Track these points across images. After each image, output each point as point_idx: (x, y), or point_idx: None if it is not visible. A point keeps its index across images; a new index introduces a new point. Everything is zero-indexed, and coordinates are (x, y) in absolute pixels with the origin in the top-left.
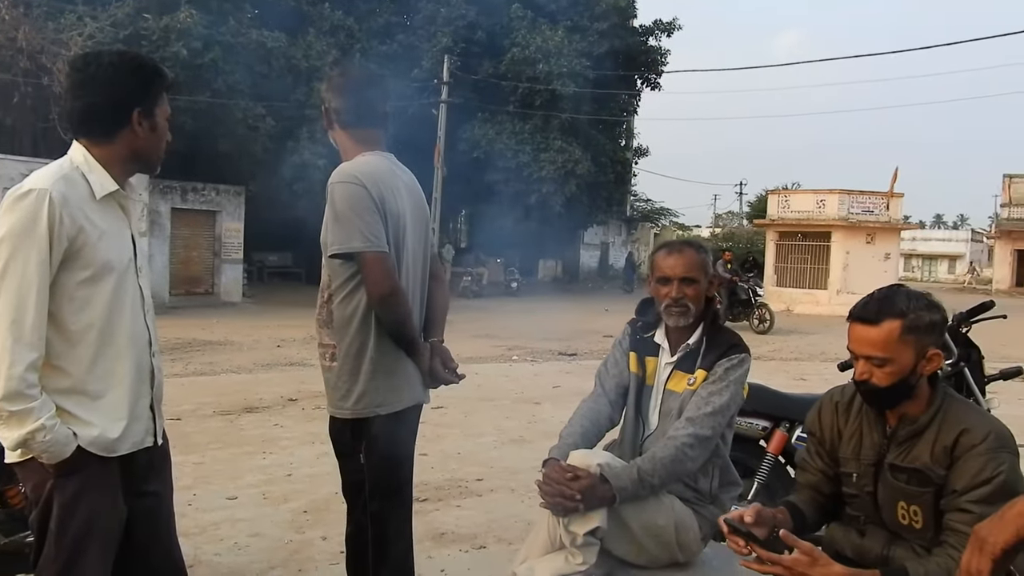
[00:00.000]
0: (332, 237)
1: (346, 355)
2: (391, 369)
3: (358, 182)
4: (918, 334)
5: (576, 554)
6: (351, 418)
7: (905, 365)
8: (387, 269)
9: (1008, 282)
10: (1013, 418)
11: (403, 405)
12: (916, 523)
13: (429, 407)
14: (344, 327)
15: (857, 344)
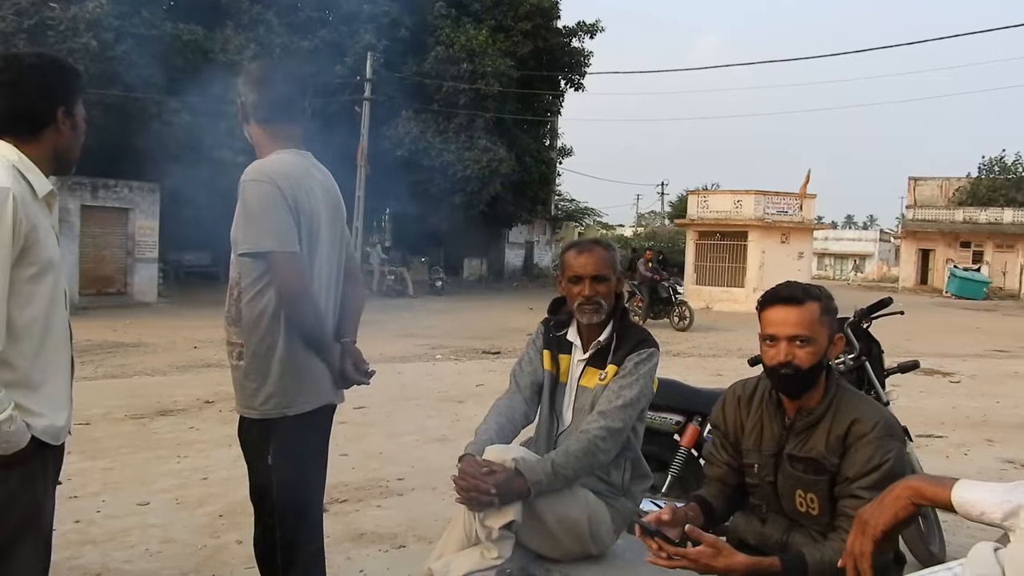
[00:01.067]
0: (243, 236)
1: (254, 354)
2: (300, 369)
3: (271, 181)
4: (830, 316)
5: (491, 548)
6: (259, 418)
7: (822, 346)
8: (297, 270)
9: (913, 280)
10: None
11: (312, 406)
12: (813, 510)
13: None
14: (253, 326)
15: (781, 326)
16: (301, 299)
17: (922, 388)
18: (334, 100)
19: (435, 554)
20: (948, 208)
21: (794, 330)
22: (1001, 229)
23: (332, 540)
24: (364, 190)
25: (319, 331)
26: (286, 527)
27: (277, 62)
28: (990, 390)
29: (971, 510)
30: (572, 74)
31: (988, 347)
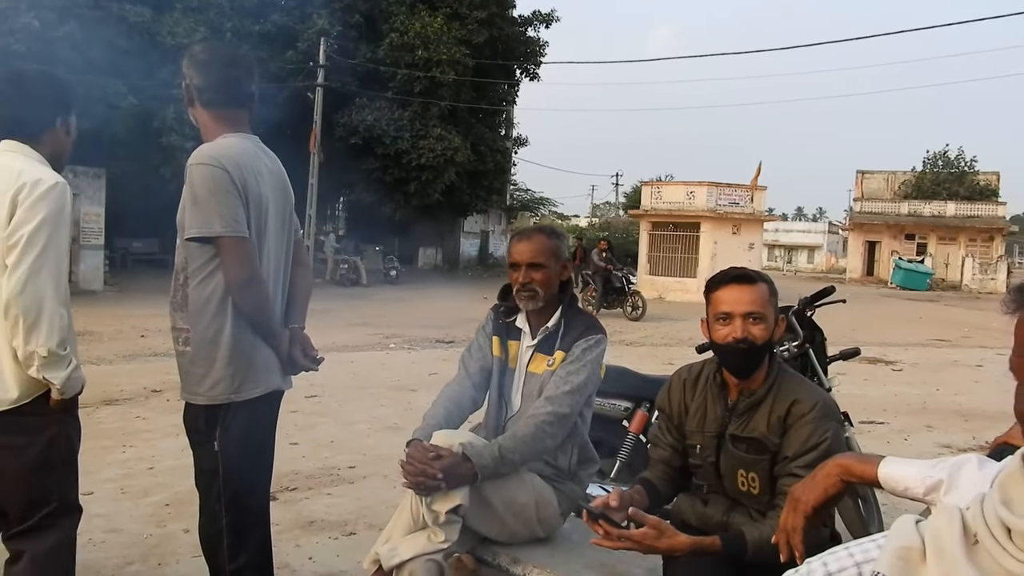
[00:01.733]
0: (190, 220)
1: (201, 340)
2: (248, 355)
3: (219, 164)
4: (775, 298)
5: (438, 532)
6: (206, 404)
7: (771, 324)
8: (246, 254)
9: (860, 271)
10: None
11: (260, 392)
12: (754, 489)
13: (302, 396)
14: (200, 311)
15: (736, 304)
16: (249, 284)
17: (866, 376)
18: (286, 86)
19: (382, 538)
20: (894, 201)
21: (749, 307)
22: (944, 222)
23: (281, 528)
24: (317, 178)
25: (267, 317)
26: (233, 513)
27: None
28: (930, 378)
29: (896, 485)
30: (527, 63)
31: (929, 336)
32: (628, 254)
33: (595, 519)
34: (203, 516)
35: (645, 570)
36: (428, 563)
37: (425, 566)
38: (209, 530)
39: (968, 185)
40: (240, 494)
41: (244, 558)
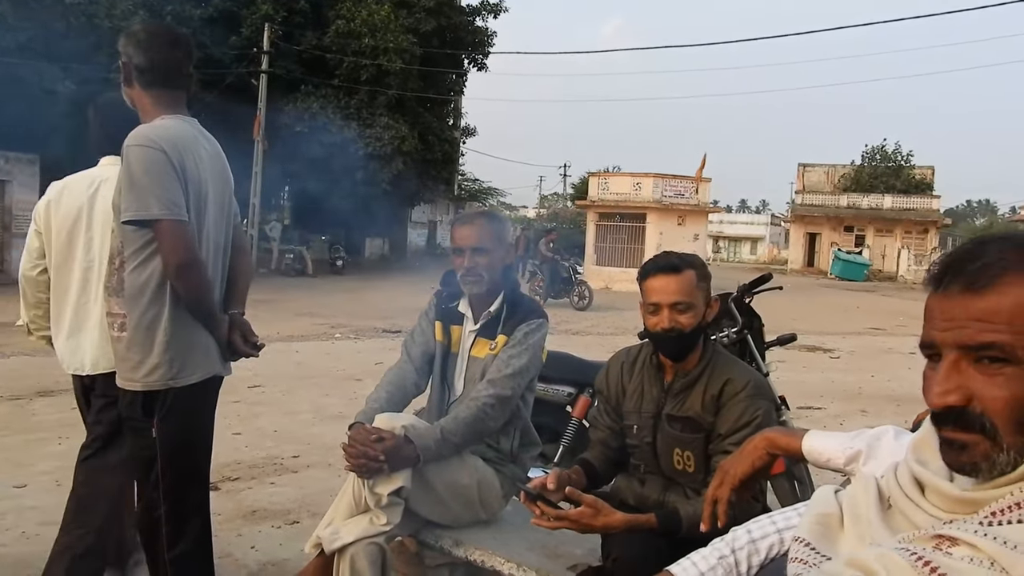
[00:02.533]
0: (126, 202)
1: (138, 325)
2: (186, 341)
3: (157, 147)
4: (706, 282)
5: (380, 515)
6: (143, 391)
7: (701, 310)
8: (186, 238)
9: (801, 262)
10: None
11: (198, 377)
12: (689, 467)
13: (244, 386)
14: (137, 296)
15: (663, 294)
16: (189, 268)
17: (804, 363)
18: (229, 72)
19: (324, 522)
20: (834, 194)
21: (675, 297)
22: (881, 214)
23: (223, 518)
24: (262, 166)
25: (207, 301)
26: (172, 501)
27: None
28: (866, 365)
29: (818, 457)
30: (475, 53)
31: (866, 325)
32: (575, 244)
33: (533, 500)
34: (141, 504)
35: (586, 550)
36: (370, 546)
37: (367, 549)
38: (147, 518)
39: (904, 179)
40: (179, 481)
41: (183, 545)
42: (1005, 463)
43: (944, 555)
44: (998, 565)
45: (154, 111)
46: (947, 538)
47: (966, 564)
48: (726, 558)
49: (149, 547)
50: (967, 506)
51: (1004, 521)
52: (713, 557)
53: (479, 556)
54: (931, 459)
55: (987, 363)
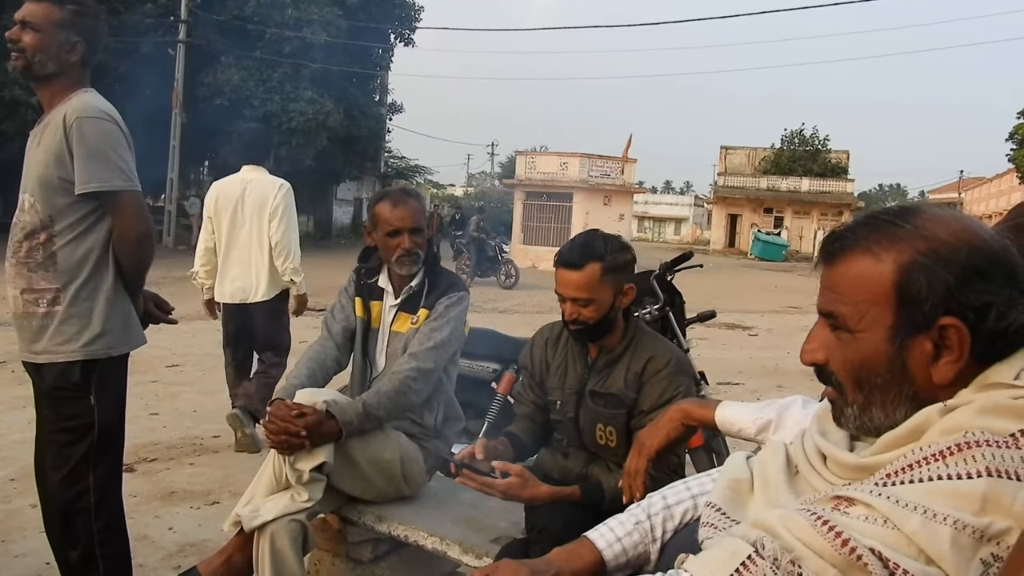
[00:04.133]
0: (88, 174)
1: (76, 297)
2: (123, 311)
3: (110, 119)
4: (615, 273)
5: (302, 491)
6: (83, 359)
7: (606, 302)
8: (143, 209)
9: (722, 243)
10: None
11: (132, 347)
12: (611, 442)
13: (163, 366)
14: (75, 268)
15: (564, 288)
16: (147, 239)
17: (724, 341)
18: (144, 41)
19: (243, 500)
20: (754, 176)
21: (575, 293)
22: (799, 197)
23: (139, 500)
24: (179, 139)
25: (146, 272)
26: (101, 470)
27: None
28: (782, 342)
29: (731, 427)
30: (402, 28)
31: (783, 304)
32: (503, 223)
33: (460, 468)
34: (60, 476)
35: (510, 522)
36: (291, 524)
37: (288, 527)
38: (68, 490)
39: (821, 163)
40: (111, 449)
41: (106, 517)
42: (852, 417)
43: (842, 515)
44: (891, 522)
45: (80, 84)
46: (845, 499)
47: (861, 522)
48: (642, 523)
49: (68, 523)
50: (863, 472)
51: (897, 482)
52: (630, 523)
53: (402, 531)
54: (832, 430)
55: (834, 328)
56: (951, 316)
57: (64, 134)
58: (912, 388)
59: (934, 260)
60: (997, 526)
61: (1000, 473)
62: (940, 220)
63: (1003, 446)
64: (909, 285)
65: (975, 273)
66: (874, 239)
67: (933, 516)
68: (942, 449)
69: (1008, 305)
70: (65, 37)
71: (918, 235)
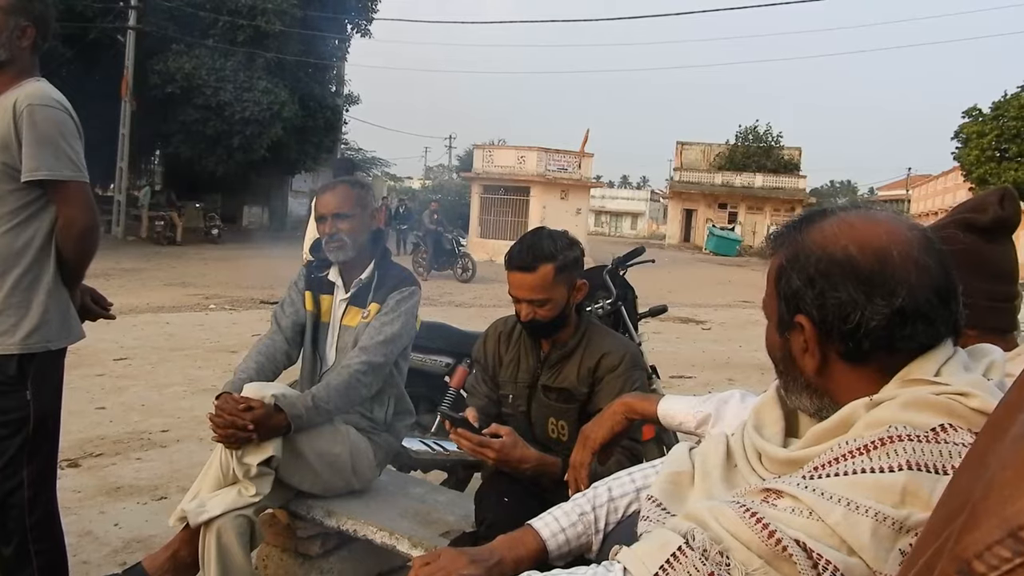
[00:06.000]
0: (37, 161)
1: (14, 288)
2: (62, 303)
3: (63, 108)
4: (567, 271)
5: (249, 486)
6: (19, 353)
7: (560, 300)
8: (91, 200)
9: (678, 237)
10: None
11: (71, 340)
12: (563, 436)
13: (110, 359)
14: (15, 257)
15: (518, 290)
16: (94, 231)
17: (678, 334)
18: (93, 26)
19: (189, 495)
20: (709, 172)
21: (530, 294)
22: (753, 192)
23: (83, 496)
24: (130, 128)
25: (87, 265)
26: (35, 465)
27: None
28: (735, 335)
29: (672, 420)
30: (359, 19)
31: (736, 298)
32: (460, 216)
33: (456, 426)
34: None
35: (458, 516)
36: (238, 519)
37: (235, 522)
38: (3, 483)
39: (774, 159)
40: (45, 444)
41: (40, 512)
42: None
43: (770, 507)
44: (815, 514)
45: (31, 72)
46: (773, 491)
47: (788, 514)
48: (586, 515)
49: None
50: (792, 465)
51: (823, 475)
52: (574, 513)
53: (351, 526)
54: (768, 424)
55: None
56: (801, 314)
57: (13, 120)
58: (802, 377)
59: (791, 264)
60: (916, 517)
61: (920, 466)
62: (821, 228)
63: (924, 440)
64: (778, 284)
65: (821, 277)
66: (779, 242)
67: (855, 508)
68: (866, 443)
69: (852, 308)
70: (15, 22)
71: (794, 241)
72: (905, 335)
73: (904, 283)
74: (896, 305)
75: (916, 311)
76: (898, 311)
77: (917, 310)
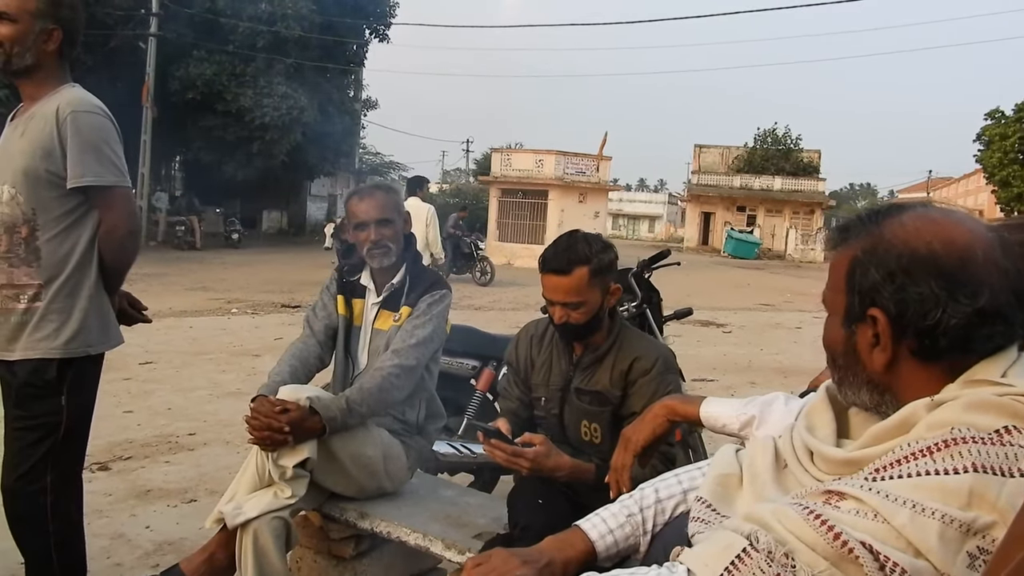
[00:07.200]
0: (81, 168)
1: (58, 293)
2: (103, 308)
3: (105, 114)
4: (602, 275)
5: (285, 488)
6: (60, 357)
7: (595, 304)
8: (133, 206)
9: (696, 240)
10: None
11: (110, 346)
12: (596, 439)
13: (136, 363)
14: (59, 264)
15: (553, 293)
16: (135, 237)
17: (699, 338)
18: (115, 34)
19: (226, 497)
20: (728, 175)
21: (564, 298)
22: (772, 195)
23: (115, 499)
24: (151, 134)
25: (128, 271)
26: (60, 469)
27: None
28: (755, 339)
29: (715, 423)
30: (377, 24)
31: (756, 301)
32: (477, 220)
33: (489, 438)
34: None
35: (489, 519)
36: (274, 521)
37: (271, 524)
38: (26, 488)
39: (793, 161)
40: (76, 448)
41: (61, 517)
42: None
43: (833, 509)
44: (880, 516)
45: (61, 77)
46: (836, 493)
47: (852, 516)
48: (634, 516)
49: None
50: (850, 466)
51: (886, 476)
52: (622, 515)
53: (385, 528)
54: (819, 426)
55: None
56: (876, 308)
57: (56, 127)
58: (864, 373)
59: (869, 256)
60: (983, 520)
61: (985, 469)
62: (901, 222)
63: (988, 442)
64: (852, 276)
65: (903, 272)
66: (850, 234)
67: (922, 510)
68: (929, 445)
69: (933, 305)
70: (41, 26)
71: (871, 233)
72: (983, 335)
73: (987, 283)
74: (978, 305)
75: (996, 312)
76: (979, 311)
77: (997, 311)
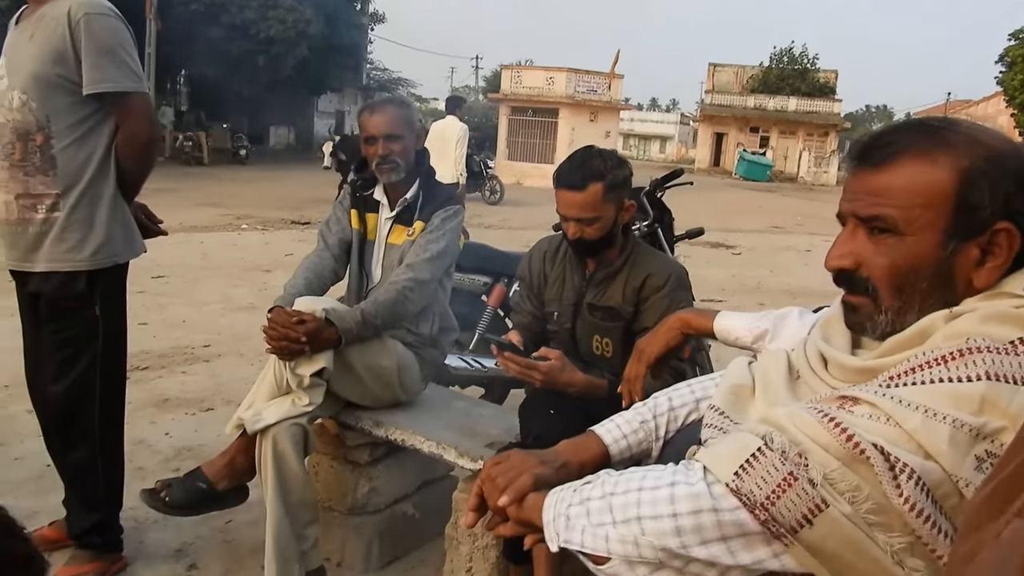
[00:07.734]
0: (99, 74)
1: (79, 203)
2: (126, 217)
3: (118, 16)
4: (616, 191)
5: (302, 396)
6: (87, 269)
7: (609, 219)
8: (152, 112)
9: (708, 162)
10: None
11: (134, 255)
12: (607, 353)
13: (148, 277)
14: (77, 172)
15: (567, 208)
16: (155, 144)
17: (708, 259)
18: None
19: (244, 404)
20: (742, 95)
21: (579, 213)
22: (786, 116)
23: (134, 407)
24: (155, 47)
25: (146, 179)
26: (106, 378)
27: None
28: (765, 261)
29: (728, 336)
30: None
31: (767, 224)
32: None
33: (503, 350)
34: (64, 388)
35: (502, 429)
36: (292, 427)
37: (290, 430)
38: (73, 400)
39: (810, 82)
40: (118, 355)
41: (110, 424)
42: (884, 323)
43: (847, 412)
44: (893, 420)
45: None
46: (850, 398)
47: (865, 420)
48: (647, 422)
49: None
50: (865, 374)
51: (900, 384)
52: (636, 421)
53: (399, 435)
54: (835, 336)
55: (876, 233)
56: (1006, 221)
57: (69, 30)
58: (952, 293)
59: (994, 166)
60: (993, 425)
61: (999, 377)
62: (986, 131)
63: (1003, 352)
64: (970, 191)
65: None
66: (931, 144)
67: (933, 415)
68: (944, 354)
69: None
70: None
71: (975, 142)
72: None
73: None
74: None
75: None
76: None
77: None
